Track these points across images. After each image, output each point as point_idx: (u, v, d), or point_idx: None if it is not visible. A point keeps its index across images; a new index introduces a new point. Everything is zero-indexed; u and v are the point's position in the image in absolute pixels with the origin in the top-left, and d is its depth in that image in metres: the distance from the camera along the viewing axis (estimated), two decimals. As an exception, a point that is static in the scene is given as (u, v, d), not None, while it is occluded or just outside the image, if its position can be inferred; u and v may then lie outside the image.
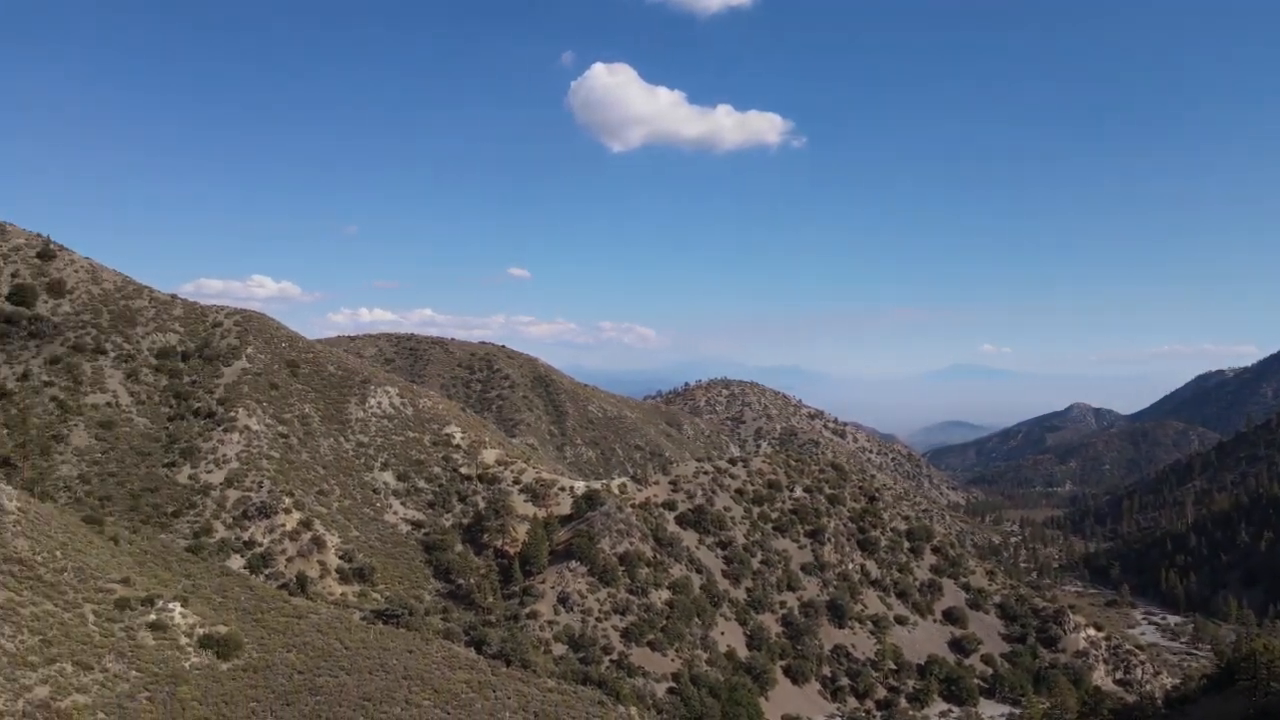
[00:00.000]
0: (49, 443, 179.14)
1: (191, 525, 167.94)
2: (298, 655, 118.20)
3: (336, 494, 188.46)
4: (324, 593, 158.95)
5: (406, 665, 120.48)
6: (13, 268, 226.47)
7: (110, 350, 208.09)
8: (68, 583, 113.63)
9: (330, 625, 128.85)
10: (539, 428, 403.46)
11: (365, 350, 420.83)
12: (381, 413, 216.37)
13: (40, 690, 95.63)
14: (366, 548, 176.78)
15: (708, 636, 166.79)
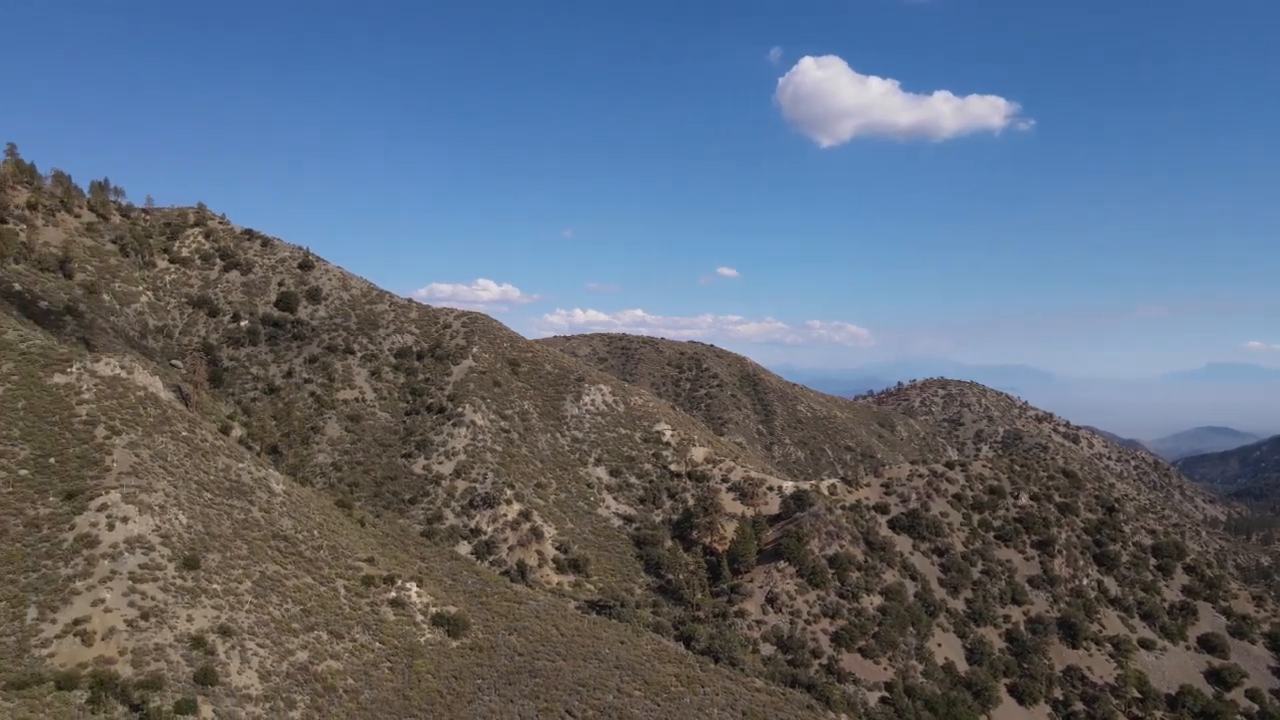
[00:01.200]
0: (308, 433, 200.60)
1: (425, 512, 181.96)
2: (518, 638, 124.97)
3: (553, 487, 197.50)
4: (542, 581, 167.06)
5: (618, 655, 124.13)
6: (279, 277, 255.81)
7: (357, 350, 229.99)
8: (323, 559, 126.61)
9: (548, 612, 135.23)
10: (747, 426, 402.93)
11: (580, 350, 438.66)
12: (595, 410, 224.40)
13: (301, 655, 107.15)
14: (581, 540, 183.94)
15: (923, 647, 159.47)
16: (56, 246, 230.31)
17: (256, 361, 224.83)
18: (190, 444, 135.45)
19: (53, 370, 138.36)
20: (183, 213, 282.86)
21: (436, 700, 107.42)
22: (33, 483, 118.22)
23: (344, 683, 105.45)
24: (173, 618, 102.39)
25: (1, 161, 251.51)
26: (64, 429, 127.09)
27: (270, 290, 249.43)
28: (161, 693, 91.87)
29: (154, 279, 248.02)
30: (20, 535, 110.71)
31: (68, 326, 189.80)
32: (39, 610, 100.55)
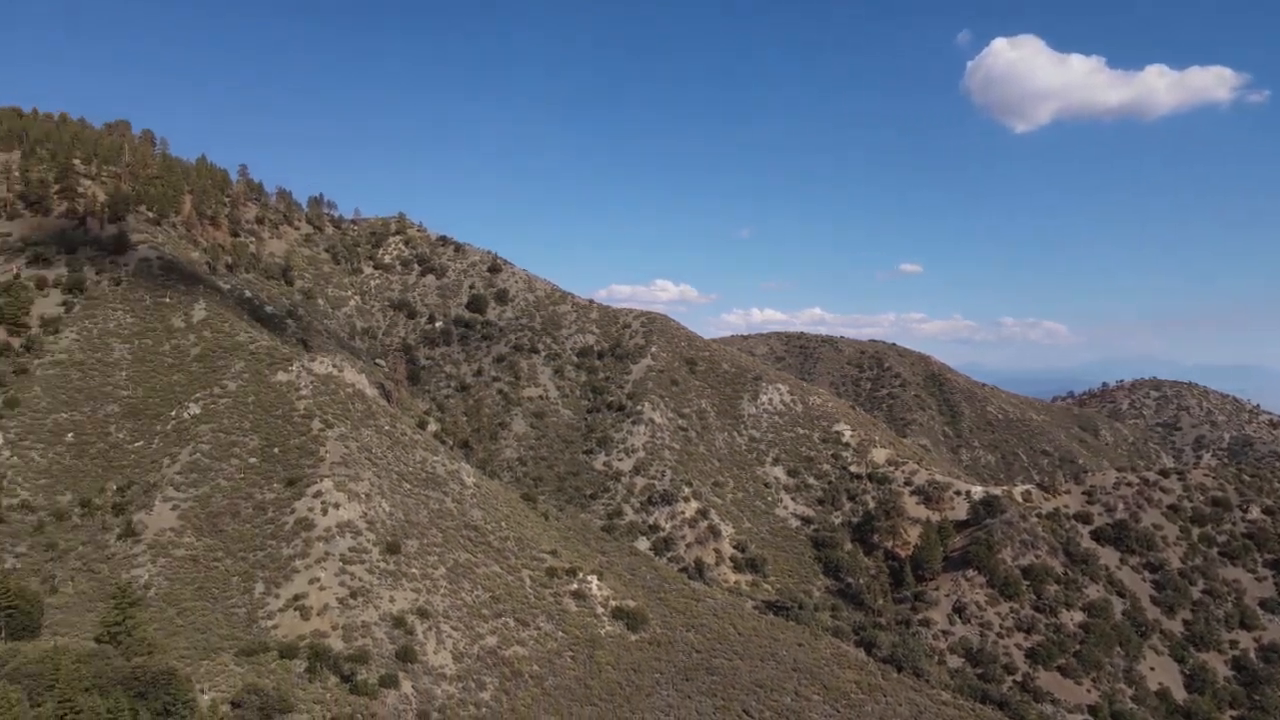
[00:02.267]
0: (496, 429, 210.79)
1: (605, 507, 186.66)
2: (696, 635, 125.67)
3: (730, 486, 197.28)
4: (719, 579, 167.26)
5: (796, 657, 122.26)
6: (470, 280, 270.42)
7: (542, 350, 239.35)
8: (510, 549, 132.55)
9: (725, 610, 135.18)
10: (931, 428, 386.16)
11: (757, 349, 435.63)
12: (772, 409, 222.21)
13: (490, 639, 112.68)
14: (758, 539, 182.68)
15: (1133, 670, 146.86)
16: (280, 256, 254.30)
17: (450, 360, 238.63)
18: (392, 437, 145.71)
19: (276, 369, 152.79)
20: (385, 222, 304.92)
21: (616, 691, 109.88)
22: (260, 470, 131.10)
23: (529, 668, 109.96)
24: (377, 598, 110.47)
25: (236, 182, 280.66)
26: (285, 422, 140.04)
27: (462, 293, 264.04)
28: (367, 666, 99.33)
29: (361, 284, 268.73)
30: (250, 517, 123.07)
31: (289, 329, 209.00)
32: (265, 585, 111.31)
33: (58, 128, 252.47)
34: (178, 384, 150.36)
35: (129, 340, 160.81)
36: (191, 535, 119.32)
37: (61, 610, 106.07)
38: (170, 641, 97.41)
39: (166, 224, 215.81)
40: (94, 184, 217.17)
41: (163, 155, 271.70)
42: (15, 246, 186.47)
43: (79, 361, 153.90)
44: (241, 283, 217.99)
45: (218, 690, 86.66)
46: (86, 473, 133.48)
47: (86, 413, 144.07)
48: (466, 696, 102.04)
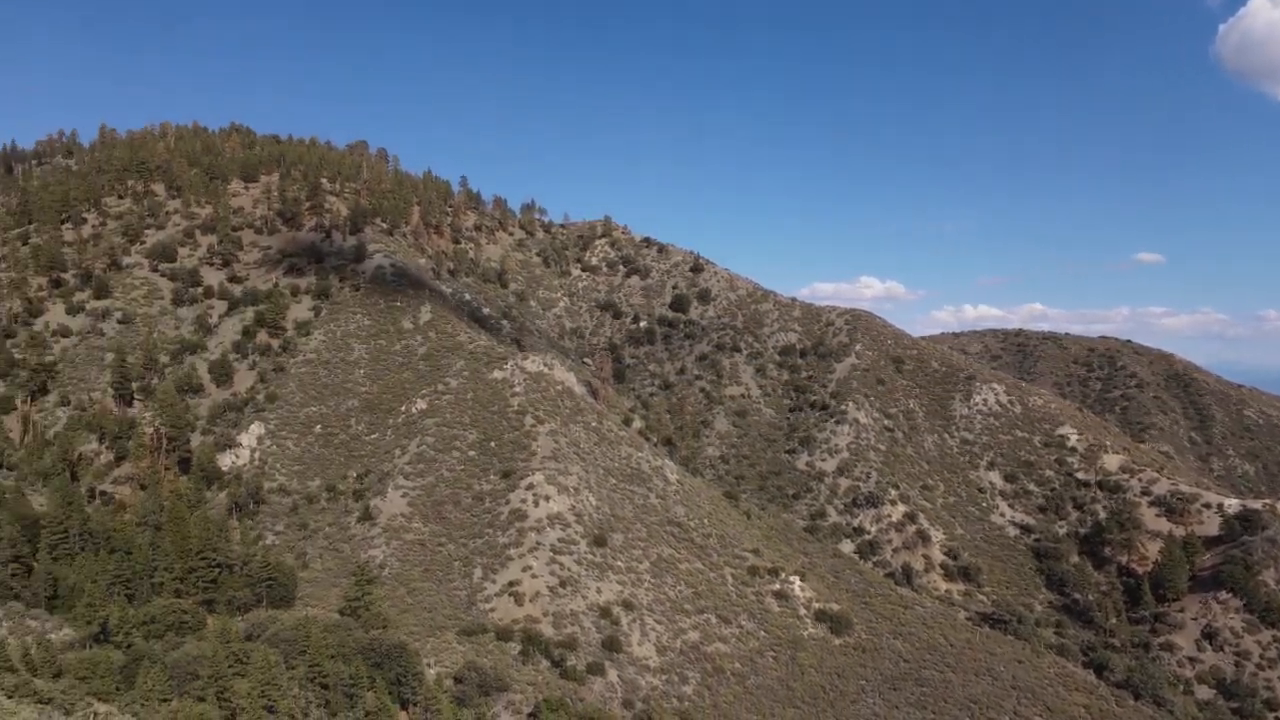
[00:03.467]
0: (699, 427, 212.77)
1: (808, 508, 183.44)
2: (904, 643, 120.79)
3: (940, 490, 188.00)
4: (928, 587, 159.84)
5: (1015, 675, 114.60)
6: (673, 281, 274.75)
7: (744, 348, 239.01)
8: (713, 547, 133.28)
9: (936, 620, 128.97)
10: (1175, 433, 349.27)
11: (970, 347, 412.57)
12: (987, 410, 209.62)
13: (692, 634, 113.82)
14: (971, 547, 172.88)
15: None
16: (495, 261, 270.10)
17: (653, 359, 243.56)
18: (598, 433, 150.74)
19: (493, 367, 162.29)
20: (592, 226, 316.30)
21: (819, 695, 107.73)
22: (478, 462, 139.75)
23: (731, 666, 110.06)
24: (584, 588, 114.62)
25: (457, 192, 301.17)
26: (501, 417, 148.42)
27: (665, 293, 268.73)
28: (576, 653, 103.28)
29: (569, 286, 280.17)
30: (469, 506, 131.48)
31: (503, 329, 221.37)
32: (483, 570, 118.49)
33: (308, 151, 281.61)
34: (407, 381, 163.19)
35: (366, 341, 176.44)
36: (419, 521, 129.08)
37: (311, 584, 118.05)
38: (401, 618, 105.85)
39: (398, 234, 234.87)
40: (338, 200, 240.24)
41: (394, 171, 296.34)
42: (274, 258, 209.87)
43: (325, 360, 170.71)
44: (462, 286, 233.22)
45: (442, 665, 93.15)
46: (331, 461, 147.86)
47: (331, 407, 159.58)
48: (669, 689, 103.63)
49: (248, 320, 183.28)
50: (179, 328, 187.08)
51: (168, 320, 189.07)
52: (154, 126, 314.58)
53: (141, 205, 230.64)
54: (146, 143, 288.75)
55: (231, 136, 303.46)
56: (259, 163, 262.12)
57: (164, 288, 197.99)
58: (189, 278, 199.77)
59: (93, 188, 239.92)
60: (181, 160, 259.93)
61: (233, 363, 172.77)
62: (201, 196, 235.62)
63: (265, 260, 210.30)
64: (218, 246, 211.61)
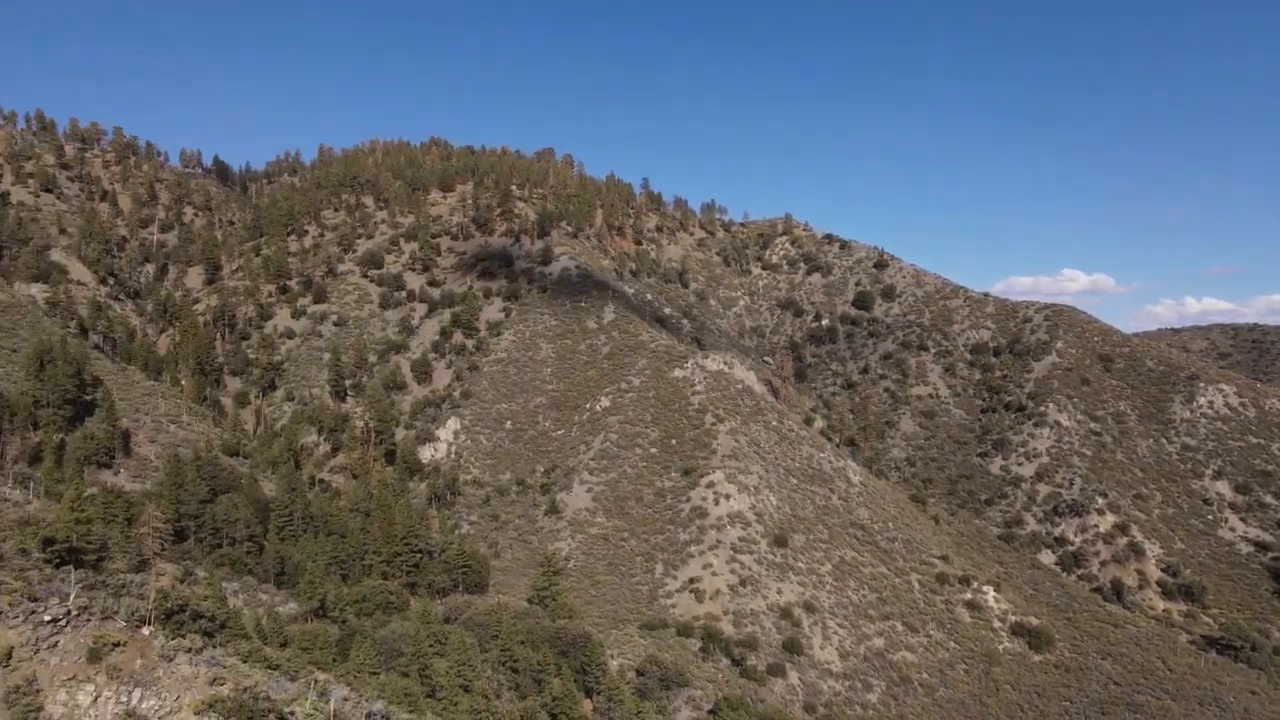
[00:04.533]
0: (883, 427, 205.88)
1: (1003, 515, 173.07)
2: (1114, 665, 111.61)
3: (1157, 500, 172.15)
4: (1143, 605, 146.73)
5: (1247, 707, 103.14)
6: (856, 278, 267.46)
7: (931, 347, 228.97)
8: (898, 551, 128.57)
9: (1151, 641, 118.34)
10: None
11: (1192, 344, 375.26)
12: (1213, 413, 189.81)
13: (877, 641, 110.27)
14: (1194, 564, 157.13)
15: None
16: (676, 261, 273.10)
17: (835, 358, 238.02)
18: (779, 433, 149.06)
19: (674, 365, 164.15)
20: (772, 224, 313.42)
21: (1016, 714, 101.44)
22: (660, 459, 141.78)
23: (919, 676, 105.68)
24: (765, 588, 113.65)
25: (639, 194, 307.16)
26: (681, 415, 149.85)
27: (848, 290, 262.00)
28: (756, 653, 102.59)
29: (749, 284, 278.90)
30: (651, 502, 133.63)
31: (684, 328, 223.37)
32: (664, 566, 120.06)
33: (499, 160, 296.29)
34: (591, 379, 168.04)
35: (553, 340, 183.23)
36: (603, 516, 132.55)
37: (502, 572, 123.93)
38: (586, 609, 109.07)
39: (582, 236, 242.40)
40: (526, 205, 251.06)
41: (579, 175, 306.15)
42: (469, 263, 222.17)
43: (515, 359, 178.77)
44: (644, 287, 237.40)
45: (624, 657, 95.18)
46: (521, 455, 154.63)
47: (520, 404, 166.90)
48: (853, 696, 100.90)
49: (445, 322, 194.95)
50: (385, 329, 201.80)
51: (376, 322, 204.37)
52: (364, 143, 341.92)
53: (353, 216, 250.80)
54: (358, 159, 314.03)
55: (431, 149, 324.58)
56: (455, 173, 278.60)
57: (372, 292, 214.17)
58: (394, 282, 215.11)
59: (313, 202, 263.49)
60: (387, 173, 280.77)
61: (432, 361, 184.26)
62: (405, 206, 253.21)
63: (460, 265, 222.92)
64: (418, 253, 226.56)
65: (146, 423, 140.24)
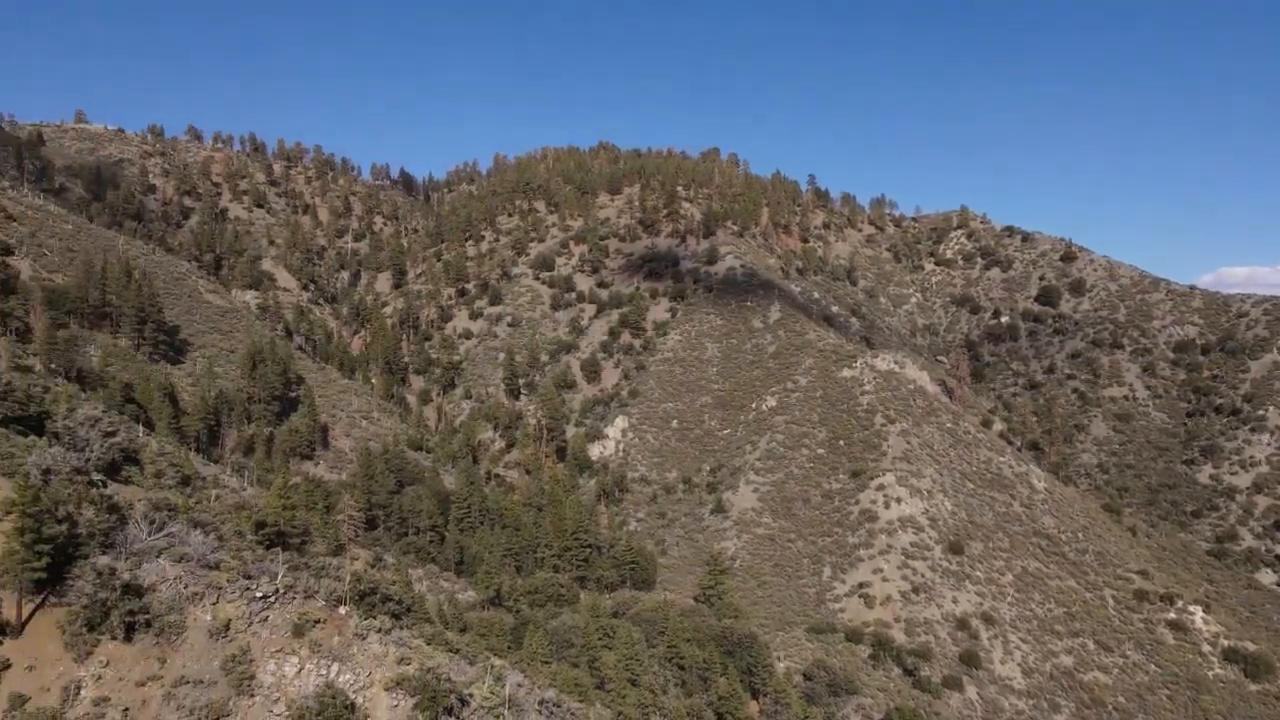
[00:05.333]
0: (1071, 431, 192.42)
1: (1213, 528, 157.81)
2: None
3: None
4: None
5: None
6: (1039, 271, 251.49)
7: (1126, 344, 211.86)
8: (1088, 564, 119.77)
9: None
10: None
11: None
12: None
13: (1065, 659, 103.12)
14: None
15: None
16: (843, 258, 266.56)
17: (1016, 357, 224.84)
18: (954, 435, 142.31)
19: (842, 365, 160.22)
20: (946, 217, 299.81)
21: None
22: (827, 460, 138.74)
23: (1114, 700, 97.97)
24: (939, 596, 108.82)
25: (805, 191, 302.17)
26: (850, 416, 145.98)
27: (1030, 285, 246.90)
28: (930, 664, 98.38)
29: (921, 281, 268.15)
30: (818, 504, 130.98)
31: (852, 327, 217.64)
32: (832, 569, 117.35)
33: (665, 161, 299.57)
34: (757, 379, 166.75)
35: (718, 340, 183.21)
36: (769, 516, 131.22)
37: (669, 569, 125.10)
38: (752, 610, 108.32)
39: (748, 235, 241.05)
40: (691, 205, 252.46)
41: (745, 174, 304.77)
42: (635, 264, 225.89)
43: (681, 359, 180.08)
44: (810, 285, 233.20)
45: (791, 660, 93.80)
46: (687, 454, 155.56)
47: (687, 403, 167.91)
48: (1037, 715, 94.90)
49: (613, 322, 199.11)
50: (556, 329, 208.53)
51: (547, 323, 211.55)
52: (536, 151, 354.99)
53: (526, 221, 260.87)
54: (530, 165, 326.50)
55: (599, 154, 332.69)
56: (622, 176, 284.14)
57: (544, 294, 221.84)
58: (564, 284, 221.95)
59: (489, 209, 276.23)
60: (558, 178, 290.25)
61: (600, 361, 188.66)
62: (574, 210, 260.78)
63: (628, 266, 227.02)
64: (588, 255, 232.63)
65: (342, 418, 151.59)
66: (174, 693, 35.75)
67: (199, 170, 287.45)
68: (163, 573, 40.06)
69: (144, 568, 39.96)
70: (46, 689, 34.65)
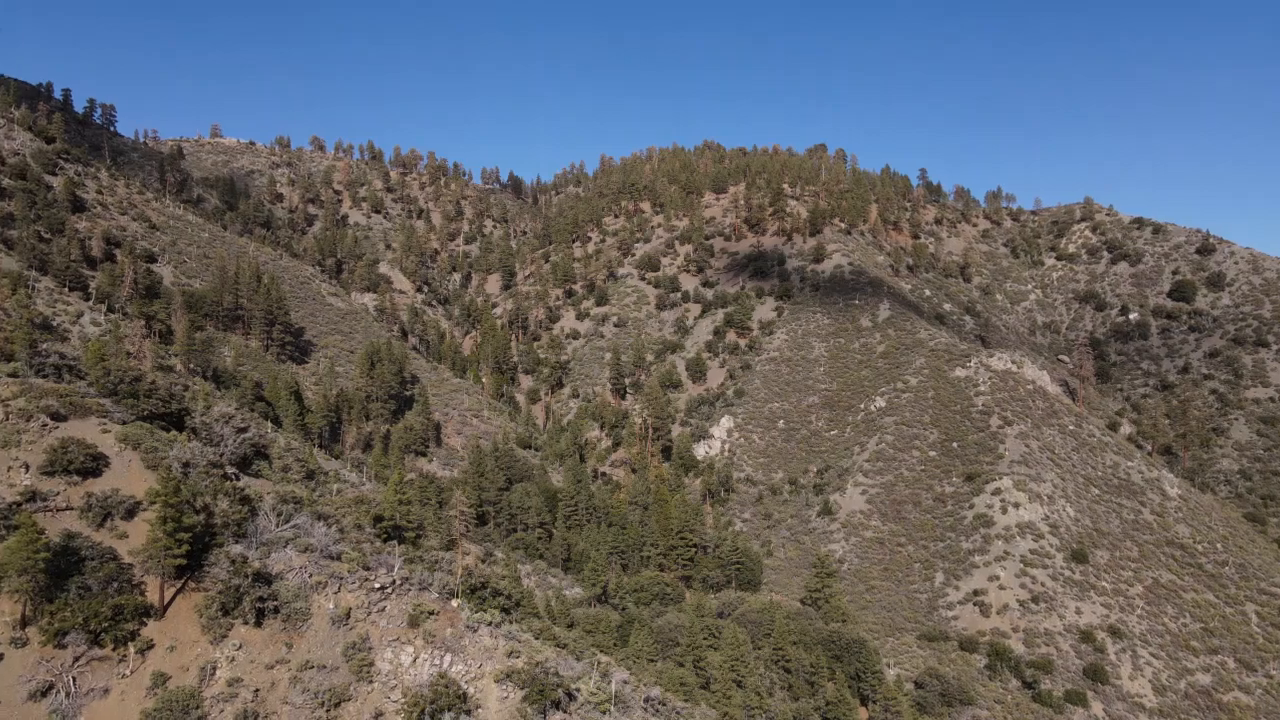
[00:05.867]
0: (1208, 435, 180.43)
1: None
2: None
3: None
4: None
5: None
6: (1172, 265, 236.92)
7: (1272, 342, 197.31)
8: (1228, 577, 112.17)
9: None
10: None
11: None
12: None
13: (1202, 677, 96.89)
14: None
15: None
16: (957, 254, 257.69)
17: (1146, 356, 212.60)
18: (1077, 438, 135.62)
19: (955, 365, 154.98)
20: (1069, 209, 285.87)
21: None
22: (939, 463, 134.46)
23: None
24: (1061, 606, 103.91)
25: (916, 187, 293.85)
26: (964, 417, 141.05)
27: (1162, 279, 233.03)
28: (1051, 677, 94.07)
29: (1041, 277, 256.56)
30: (930, 508, 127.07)
31: (966, 325, 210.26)
32: (944, 575, 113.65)
33: (771, 159, 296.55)
34: (865, 379, 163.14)
35: (825, 339, 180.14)
36: (878, 519, 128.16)
37: (774, 570, 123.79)
38: (860, 614, 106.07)
39: (855, 233, 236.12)
40: (798, 203, 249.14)
41: (852, 170, 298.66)
42: (741, 263, 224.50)
43: (787, 358, 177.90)
44: (921, 283, 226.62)
45: (901, 668, 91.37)
46: (793, 455, 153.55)
47: (793, 403, 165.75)
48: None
49: (718, 321, 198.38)
50: (662, 329, 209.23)
51: (653, 323, 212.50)
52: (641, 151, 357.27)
53: (631, 222, 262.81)
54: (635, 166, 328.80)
55: (704, 153, 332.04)
56: (727, 175, 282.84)
57: (649, 294, 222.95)
58: (669, 284, 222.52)
59: (594, 210, 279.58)
60: (663, 179, 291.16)
61: (705, 360, 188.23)
62: (679, 210, 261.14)
63: (733, 265, 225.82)
64: (692, 255, 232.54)
65: (454, 416, 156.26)
66: (300, 676, 37.62)
67: (322, 179, 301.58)
68: (289, 562, 42.26)
69: (272, 557, 42.28)
70: (185, 669, 36.99)
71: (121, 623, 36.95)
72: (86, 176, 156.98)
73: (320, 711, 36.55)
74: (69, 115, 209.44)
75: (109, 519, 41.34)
